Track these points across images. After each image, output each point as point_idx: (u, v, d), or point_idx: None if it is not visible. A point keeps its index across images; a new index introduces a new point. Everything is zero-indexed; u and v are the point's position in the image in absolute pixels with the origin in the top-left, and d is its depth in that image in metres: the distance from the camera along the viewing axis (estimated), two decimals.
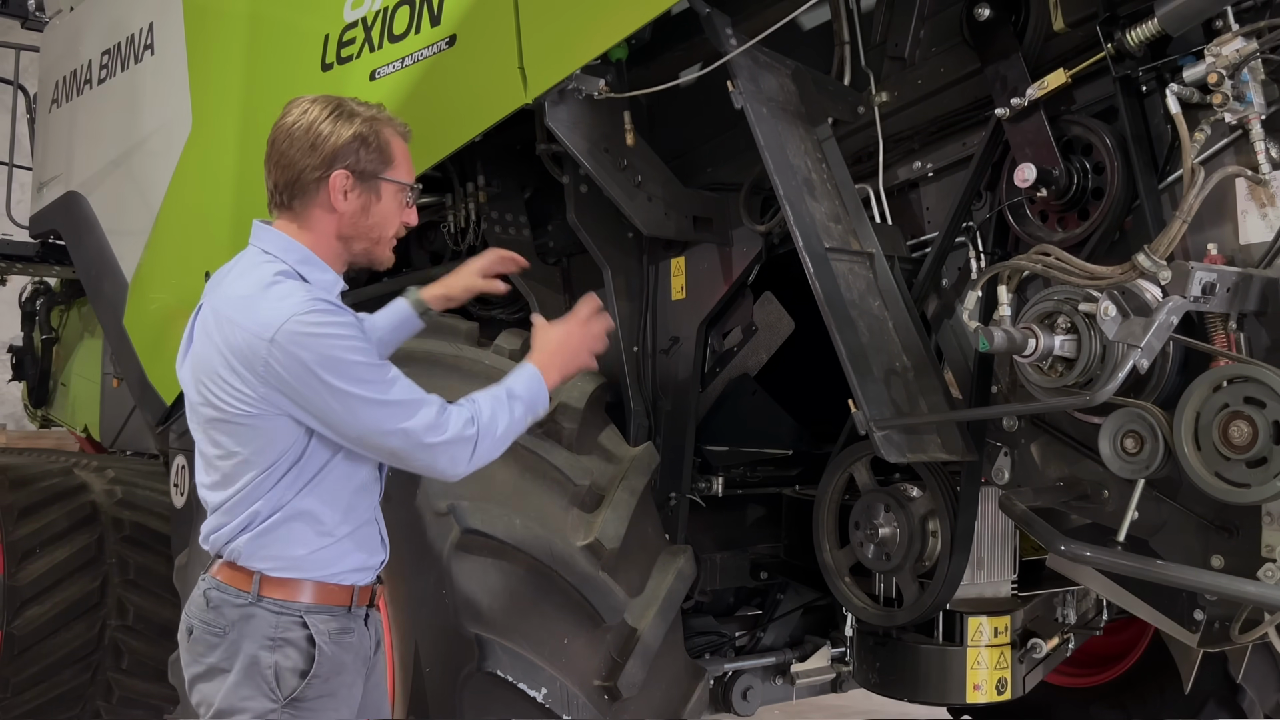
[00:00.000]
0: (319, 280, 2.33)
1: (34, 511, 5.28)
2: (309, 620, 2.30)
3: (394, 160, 2.37)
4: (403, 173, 2.40)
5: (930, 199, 2.94)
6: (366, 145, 2.33)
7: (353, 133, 2.32)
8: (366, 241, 2.39)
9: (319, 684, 2.30)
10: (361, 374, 2.21)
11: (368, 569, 2.42)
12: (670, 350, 3.36)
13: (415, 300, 2.75)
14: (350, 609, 2.37)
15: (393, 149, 2.37)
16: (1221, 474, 2.15)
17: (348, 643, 2.36)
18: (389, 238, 2.42)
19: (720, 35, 2.76)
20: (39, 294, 6.83)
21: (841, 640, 3.59)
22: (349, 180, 2.31)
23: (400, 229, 2.43)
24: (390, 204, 2.38)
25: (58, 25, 5.65)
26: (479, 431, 2.28)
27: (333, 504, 2.32)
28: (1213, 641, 2.56)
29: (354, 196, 2.33)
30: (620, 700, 2.89)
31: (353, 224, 2.35)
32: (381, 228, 2.39)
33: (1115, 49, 2.40)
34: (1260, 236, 2.27)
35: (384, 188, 2.36)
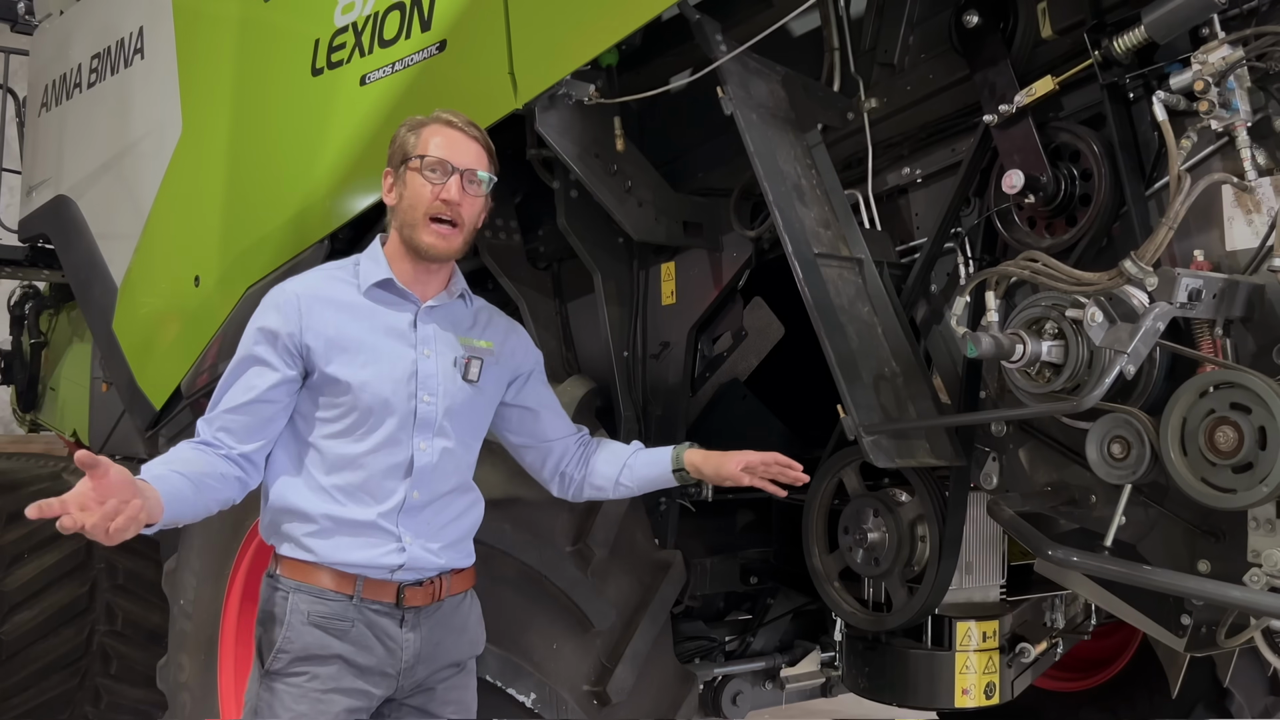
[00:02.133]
0: (366, 271, 2.50)
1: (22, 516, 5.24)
2: (292, 596, 2.41)
3: (420, 143, 2.46)
4: (421, 151, 2.46)
5: (919, 205, 2.95)
6: (399, 138, 2.50)
7: (399, 131, 2.52)
8: (408, 228, 2.46)
9: (287, 660, 2.37)
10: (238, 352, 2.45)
11: (378, 566, 2.43)
12: (660, 355, 3.37)
13: (678, 456, 2.67)
14: (353, 599, 2.41)
15: (422, 134, 2.47)
16: (1208, 479, 2.16)
17: (336, 629, 2.40)
18: (422, 218, 2.44)
19: (710, 41, 2.77)
20: (28, 298, 6.81)
21: (831, 645, 3.59)
22: (390, 175, 2.50)
23: (438, 207, 2.44)
24: (414, 185, 2.45)
25: (47, 29, 5.63)
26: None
27: (326, 493, 2.42)
28: (1200, 646, 2.57)
29: (396, 190, 2.49)
30: (610, 705, 2.89)
31: (400, 216, 2.48)
32: (413, 209, 2.45)
33: (1103, 56, 2.41)
34: (1246, 243, 2.28)
35: (408, 171, 2.46)
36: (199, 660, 3.76)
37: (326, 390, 2.42)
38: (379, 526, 2.43)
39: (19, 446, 7.80)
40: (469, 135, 2.50)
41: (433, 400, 2.47)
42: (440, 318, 2.55)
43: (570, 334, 3.64)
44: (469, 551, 2.61)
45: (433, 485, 2.49)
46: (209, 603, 3.75)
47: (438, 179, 2.43)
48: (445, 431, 2.49)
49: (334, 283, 2.49)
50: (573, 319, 3.65)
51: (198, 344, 4.11)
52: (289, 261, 3.71)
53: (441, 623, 2.53)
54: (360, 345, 2.43)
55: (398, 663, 2.46)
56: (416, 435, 2.46)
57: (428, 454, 2.47)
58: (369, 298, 2.48)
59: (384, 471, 2.43)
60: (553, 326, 3.63)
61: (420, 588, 2.48)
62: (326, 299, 2.45)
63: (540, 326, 3.57)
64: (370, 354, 2.43)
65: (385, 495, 2.44)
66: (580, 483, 2.72)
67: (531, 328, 3.56)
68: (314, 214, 3.61)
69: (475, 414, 2.59)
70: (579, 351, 3.61)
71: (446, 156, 2.45)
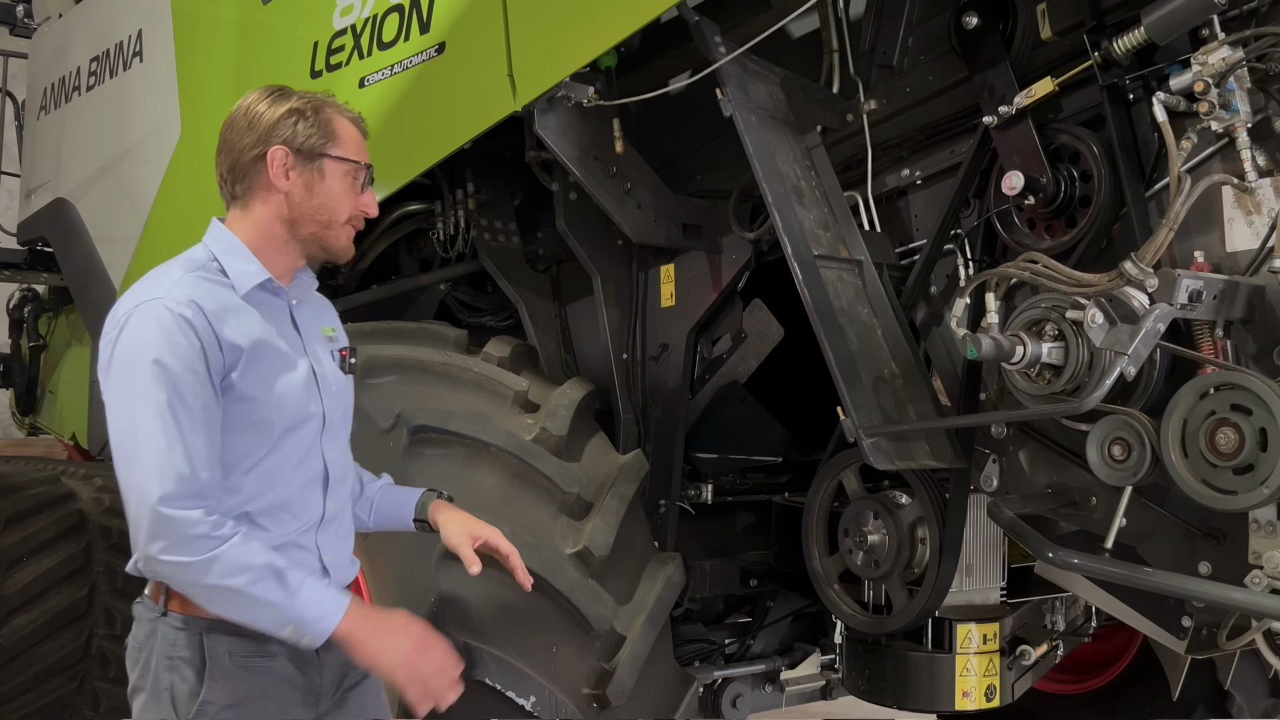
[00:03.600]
0: (238, 270, 2.19)
1: (21, 519, 5.24)
2: (205, 639, 2.14)
3: (338, 138, 2.24)
4: (350, 153, 2.25)
5: (919, 206, 2.94)
6: (304, 119, 2.22)
7: (287, 108, 2.23)
8: (315, 225, 2.23)
9: (215, 710, 2.12)
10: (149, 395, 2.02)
11: None
12: (660, 357, 3.36)
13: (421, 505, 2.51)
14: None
15: (336, 127, 2.24)
16: (1208, 481, 2.15)
17: (263, 668, 2.17)
18: (340, 222, 2.25)
19: (709, 43, 2.77)
20: (27, 301, 6.81)
21: (831, 647, 3.58)
22: (288, 156, 2.21)
23: (356, 215, 2.27)
24: (337, 184, 2.23)
25: (46, 32, 5.64)
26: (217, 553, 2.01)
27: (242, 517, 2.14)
28: (1200, 648, 2.57)
29: (295, 175, 2.21)
30: (609, 708, 2.88)
31: (298, 205, 2.22)
32: (330, 210, 2.23)
33: (1102, 57, 2.41)
34: (1246, 244, 2.28)
35: (329, 166, 2.22)
36: None
37: (244, 406, 2.13)
38: (299, 546, 2.22)
39: (18, 450, 7.80)
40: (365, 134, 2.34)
41: (330, 402, 2.28)
42: (306, 313, 2.34)
43: (569, 336, 3.64)
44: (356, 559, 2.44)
45: (340, 493, 2.32)
46: None
47: (359, 186, 2.27)
48: (340, 434, 2.34)
49: (211, 285, 2.16)
50: (572, 321, 3.65)
51: None
52: None
53: None
54: (265, 353, 2.17)
55: (318, 688, 2.27)
56: (325, 443, 2.27)
57: (335, 461, 2.30)
58: (248, 300, 2.19)
59: (303, 487, 2.22)
60: (552, 329, 3.62)
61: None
62: (220, 305, 2.14)
63: (539, 329, 3.57)
64: (273, 362, 2.18)
65: (302, 511, 2.23)
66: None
67: (530, 330, 3.56)
68: None
69: (351, 407, 2.42)
70: (578, 354, 3.61)
71: (368, 163, 2.29)
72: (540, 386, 3.29)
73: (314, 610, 2.08)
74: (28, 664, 5.13)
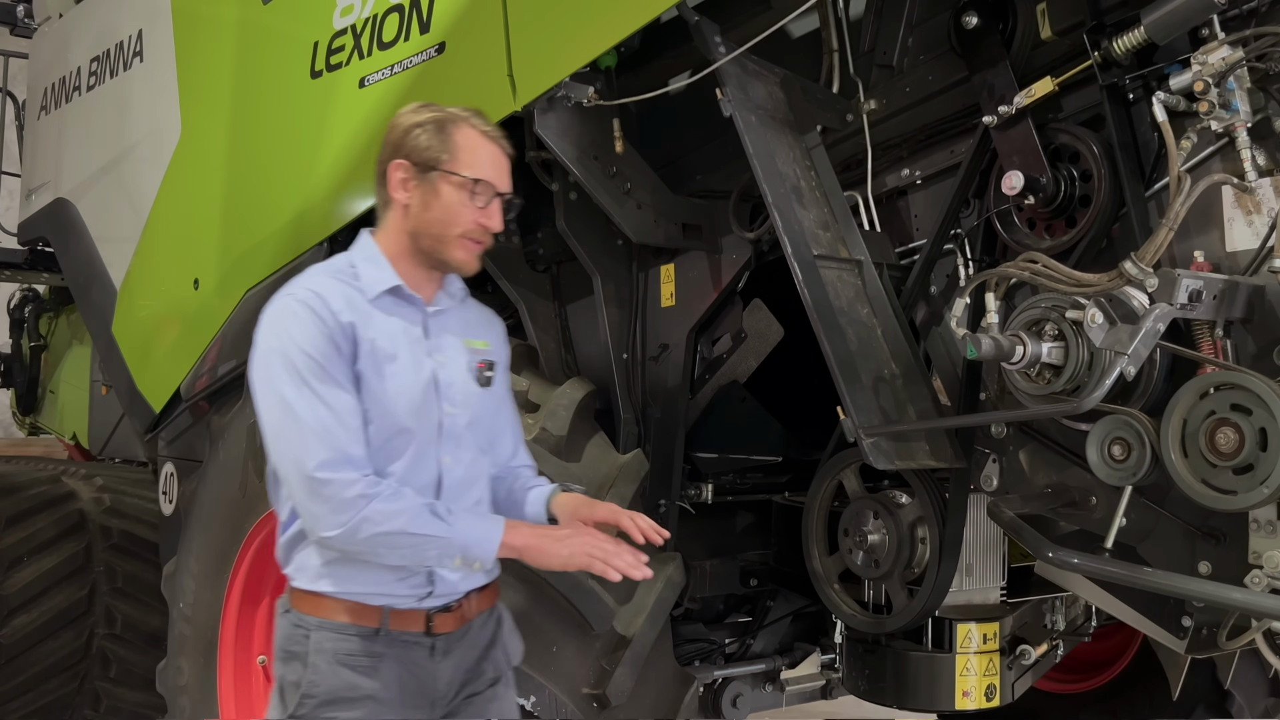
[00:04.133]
0: (369, 276, 2.29)
1: (22, 519, 5.25)
2: (313, 636, 2.24)
3: (457, 153, 2.27)
4: (467, 167, 2.27)
5: (918, 206, 2.94)
6: (425, 131, 2.28)
7: (414, 122, 2.30)
8: (429, 238, 2.29)
9: (313, 705, 2.20)
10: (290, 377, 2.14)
11: (407, 595, 2.28)
12: (660, 357, 3.36)
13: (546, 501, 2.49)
14: (379, 632, 2.25)
15: (457, 141, 2.28)
16: (1208, 481, 2.16)
17: (367, 668, 2.22)
18: (454, 236, 2.28)
19: (709, 43, 2.77)
20: (27, 301, 6.82)
21: (831, 647, 3.59)
22: (408, 169, 2.28)
23: (473, 229, 2.29)
24: (452, 198, 2.26)
25: (47, 32, 5.64)
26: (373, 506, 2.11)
27: None
28: (1200, 648, 2.57)
29: (413, 187, 2.28)
30: (609, 708, 2.89)
31: (416, 217, 2.29)
32: (444, 224, 2.27)
33: (1102, 57, 2.41)
34: (1246, 244, 2.28)
35: (443, 179, 2.26)
36: (198, 663, 3.76)
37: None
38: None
39: (19, 449, 7.80)
40: (504, 150, 2.35)
41: (455, 411, 2.33)
42: (447, 322, 2.40)
43: (569, 336, 3.63)
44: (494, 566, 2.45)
45: (459, 502, 2.33)
46: (208, 606, 3.75)
47: (481, 203, 2.29)
48: (467, 443, 2.36)
49: (341, 286, 2.26)
50: (572, 321, 3.65)
51: (197, 347, 4.11)
52: (288, 264, 3.71)
53: (472, 643, 2.40)
54: (385, 355, 2.24)
55: (431, 694, 2.32)
56: (442, 450, 2.31)
57: (454, 469, 2.33)
58: (377, 305, 2.28)
59: (414, 490, 2.24)
60: (552, 329, 3.62)
61: (449, 613, 2.34)
62: (344, 303, 2.23)
63: (539, 329, 3.57)
64: (394, 364, 2.25)
65: None
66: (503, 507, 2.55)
67: (530, 330, 3.56)
68: (313, 217, 3.61)
69: (490, 420, 2.46)
70: (578, 354, 3.60)
71: (493, 180, 2.30)
72: (540, 386, 3.29)
73: (475, 534, 2.18)
74: (28, 663, 5.14)
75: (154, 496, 4.74)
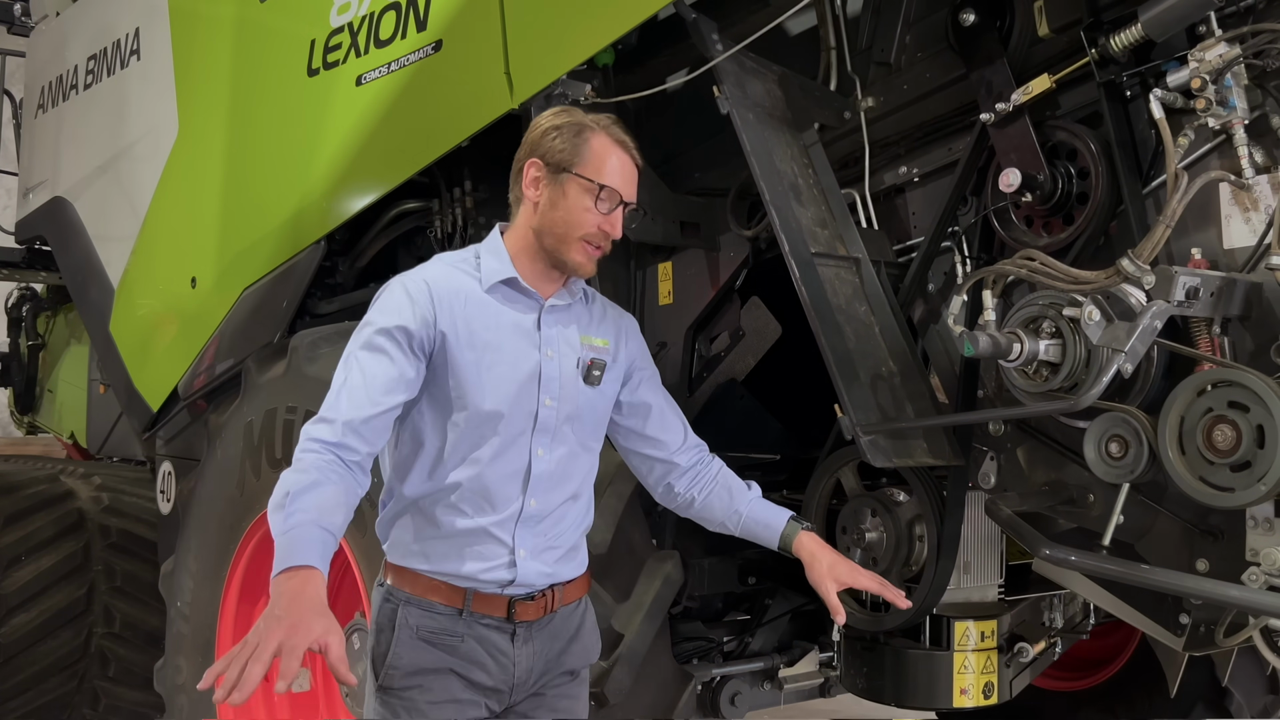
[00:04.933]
0: (489, 267, 2.37)
1: (20, 518, 5.25)
2: (401, 610, 2.33)
3: (588, 158, 2.33)
4: (595, 173, 2.33)
5: (916, 204, 2.94)
6: (561, 135, 2.35)
7: (551, 125, 2.37)
8: (552, 238, 2.34)
9: (398, 676, 2.29)
10: (351, 342, 2.30)
11: (489, 581, 2.34)
12: (657, 355, 3.35)
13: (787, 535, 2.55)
14: (462, 613, 2.32)
15: (591, 147, 2.34)
16: (1206, 478, 2.15)
17: (448, 645, 2.31)
18: (577, 239, 2.33)
19: (706, 40, 2.77)
20: (25, 300, 6.82)
21: (829, 645, 3.58)
22: (540, 169, 2.35)
23: (593, 234, 2.34)
24: (578, 201, 2.32)
25: (44, 30, 5.64)
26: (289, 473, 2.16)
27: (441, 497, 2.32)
28: (1198, 645, 2.57)
29: (543, 187, 2.35)
30: (607, 706, 2.88)
31: (543, 216, 2.35)
32: (568, 225, 2.33)
33: (1099, 54, 2.41)
34: (1244, 241, 2.28)
35: (570, 183, 2.32)
36: (196, 662, 3.76)
37: (449, 387, 2.31)
38: (492, 536, 2.33)
39: (17, 449, 7.81)
40: (635, 161, 2.41)
41: (554, 404, 2.37)
42: (562, 317, 2.44)
43: None
44: (582, 560, 2.52)
45: (550, 494, 2.39)
46: (206, 604, 3.75)
47: (605, 208, 2.33)
48: (565, 437, 2.40)
49: (458, 274, 2.36)
50: None
51: (195, 345, 4.11)
52: (286, 262, 3.71)
53: (554, 634, 2.45)
54: (486, 343, 2.32)
55: (510, 679, 2.38)
56: (535, 440, 2.36)
57: (546, 461, 2.37)
58: (492, 295, 2.36)
59: (501, 478, 2.33)
60: None
61: (532, 601, 2.39)
62: (455, 290, 2.33)
63: None
64: (495, 352, 2.33)
65: (502, 503, 2.34)
66: (690, 504, 2.62)
67: None
68: (311, 215, 3.61)
69: (595, 417, 2.49)
70: None
71: (621, 188, 2.36)
72: None
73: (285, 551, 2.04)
74: (27, 662, 5.14)
75: (152, 495, 4.75)
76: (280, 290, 3.76)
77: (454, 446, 2.32)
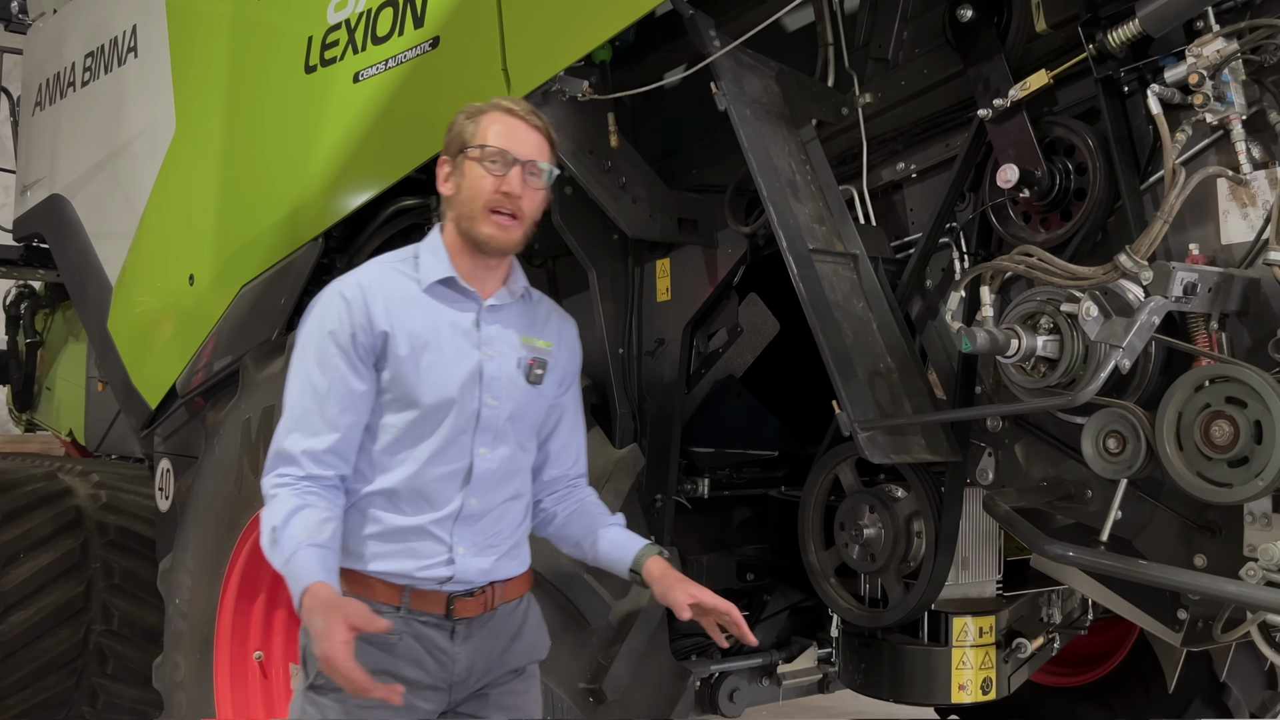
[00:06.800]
0: (427, 266, 2.39)
1: (18, 516, 5.24)
2: None
3: (477, 134, 2.35)
4: (481, 141, 2.34)
5: (914, 200, 2.94)
6: (457, 124, 2.39)
7: (454, 120, 2.40)
8: (466, 220, 2.35)
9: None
10: (297, 356, 2.34)
11: (427, 578, 2.33)
12: (655, 352, 3.36)
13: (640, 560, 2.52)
14: (400, 610, 2.31)
15: (480, 124, 2.36)
16: (1203, 474, 2.16)
17: (385, 643, 2.27)
18: (482, 210, 2.33)
19: (704, 37, 2.76)
20: (23, 297, 6.80)
21: (828, 641, 3.58)
22: (448, 163, 2.39)
23: (498, 199, 2.32)
24: (473, 175, 2.34)
25: (41, 28, 5.63)
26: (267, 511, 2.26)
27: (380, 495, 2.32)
28: (1196, 640, 2.57)
29: (452, 177, 2.39)
30: (605, 702, 2.89)
31: (457, 208, 2.38)
32: (471, 200, 2.34)
33: (1097, 50, 2.40)
34: (1242, 236, 2.28)
35: (466, 162, 2.35)
36: (194, 660, 3.75)
37: (389, 389, 2.32)
38: (430, 534, 2.33)
39: (15, 446, 7.80)
40: (530, 124, 2.39)
41: (496, 404, 2.37)
42: (503, 317, 2.44)
43: None
44: (524, 557, 2.51)
45: (491, 493, 2.39)
46: (204, 602, 3.74)
47: (498, 170, 2.32)
48: (506, 436, 2.40)
49: (395, 275, 2.38)
50: None
51: (193, 342, 4.11)
52: (283, 259, 3.71)
53: (495, 632, 2.43)
54: (425, 342, 2.32)
55: (449, 676, 2.36)
56: (478, 440, 2.36)
57: (488, 460, 2.37)
58: (430, 294, 2.36)
59: (440, 477, 2.33)
60: None
61: (471, 598, 2.37)
62: (391, 291, 2.34)
63: None
64: (435, 353, 2.33)
65: (441, 502, 2.34)
66: (550, 520, 2.61)
67: None
68: (308, 212, 3.61)
69: (535, 417, 2.50)
70: None
71: (507, 146, 2.33)
72: None
73: (294, 581, 2.18)
74: (25, 660, 5.13)
75: (150, 492, 4.74)
76: (278, 287, 3.76)
77: (393, 446, 2.32)
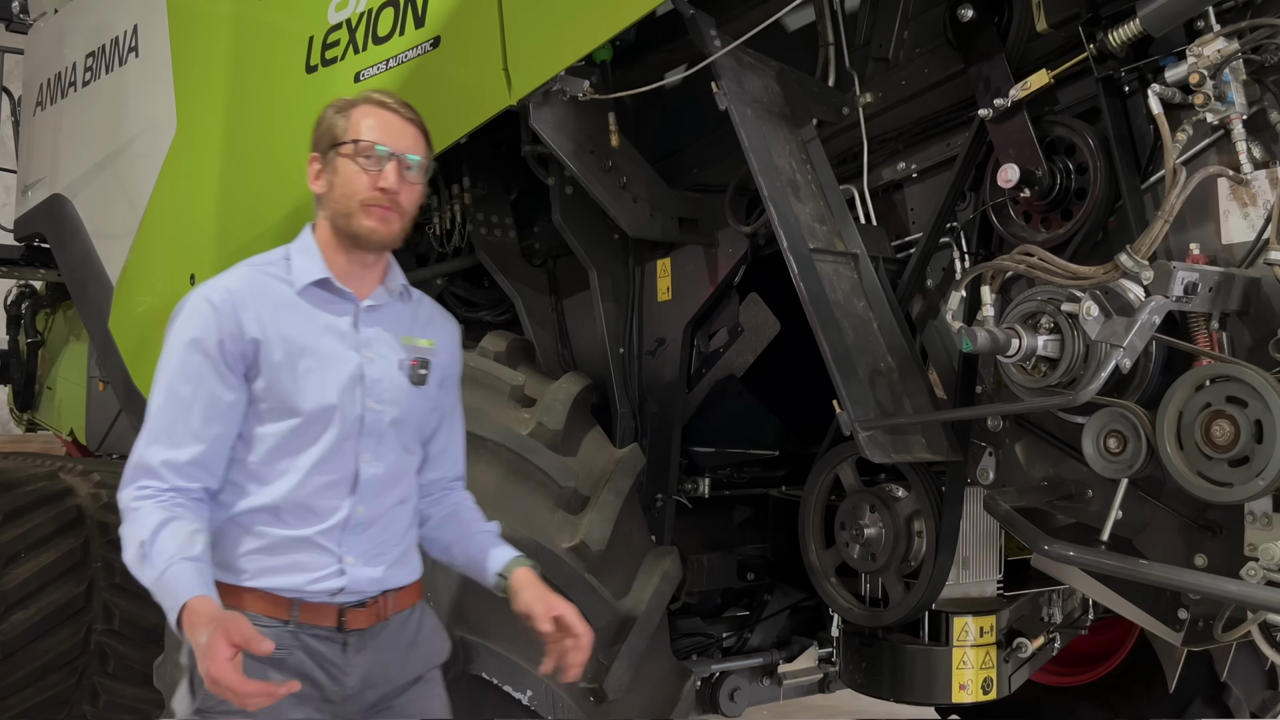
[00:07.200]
0: (299, 268, 2.29)
1: (19, 515, 5.24)
2: None
3: (347, 130, 2.25)
4: (353, 136, 2.25)
5: (915, 200, 2.94)
6: (325, 120, 2.30)
7: (322, 116, 2.31)
8: (342, 217, 2.26)
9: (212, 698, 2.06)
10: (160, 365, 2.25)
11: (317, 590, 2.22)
12: (656, 352, 3.36)
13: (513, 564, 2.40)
14: (289, 624, 2.19)
15: (351, 116, 2.26)
16: (1204, 473, 2.16)
17: (275, 660, 2.12)
18: (359, 206, 2.23)
19: (704, 36, 2.76)
20: (24, 297, 6.80)
21: (828, 641, 3.59)
22: (318, 160, 2.29)
23: (374, 196, 2.23)
24: (346, 172, 2.24)
25: (42, 28, 5.62)
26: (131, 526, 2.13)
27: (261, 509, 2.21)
28: (1197, 640, 2.57)
29: (323, 175, 2.28)
30: (606, 702, 2.89)
31: (330, 206, 2.28)
32: (346, 197, 2.24)
33: (1098, 49, 2.41)
34: (1242, 236, 2.28)
35: (337, 158, 2.25)
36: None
37: (264, 398, 2.20)
38: (317, 545, 2.22)
39: (16, 446, 7.80)
40: (403, 117, 2.29)
41: (380, 408, 2.27)
42: (381, 317, 2.34)
43: (566, 331, 3.63)
44: (415, 565, 2.40)
45: (379, 499, 2.28)
46: None
47: (372, 165, 2.22)
48: (391, 441, 2.30)
49: (265, 278, 2.26)
50: (568, 316, 3.65)
51: None
52: None
53: (389, 642, 2.32)
54: (301, 347, 2.22)
55: (342, 689, 2.25)
56: (362, 446, 2.25)
57: (374, 465, 2.27)
58: (305, 298, 2.26)
59: (324, 486, 2.22)
60: (548, 323, 3.62)
61: (363, 609, 2.26)
62: (262, 295, 2.23)
63: (536, 323, 3.57)
64: (313, 358, 2.22)
65: (326, 512, 2.22)
66: (421, 523, 2.48)
67: (527, 325, 3.55)
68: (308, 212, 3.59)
69: (420, 419, 2.39)
70: (575, 348, 3.60)
71: (381, 140, 2.24)
72: (536, 381, 3.28)
73: (169, 597, 2.06)
74: (26, 659, 5.12)
75: None
76: None
77: (272, 456, 2.21)
